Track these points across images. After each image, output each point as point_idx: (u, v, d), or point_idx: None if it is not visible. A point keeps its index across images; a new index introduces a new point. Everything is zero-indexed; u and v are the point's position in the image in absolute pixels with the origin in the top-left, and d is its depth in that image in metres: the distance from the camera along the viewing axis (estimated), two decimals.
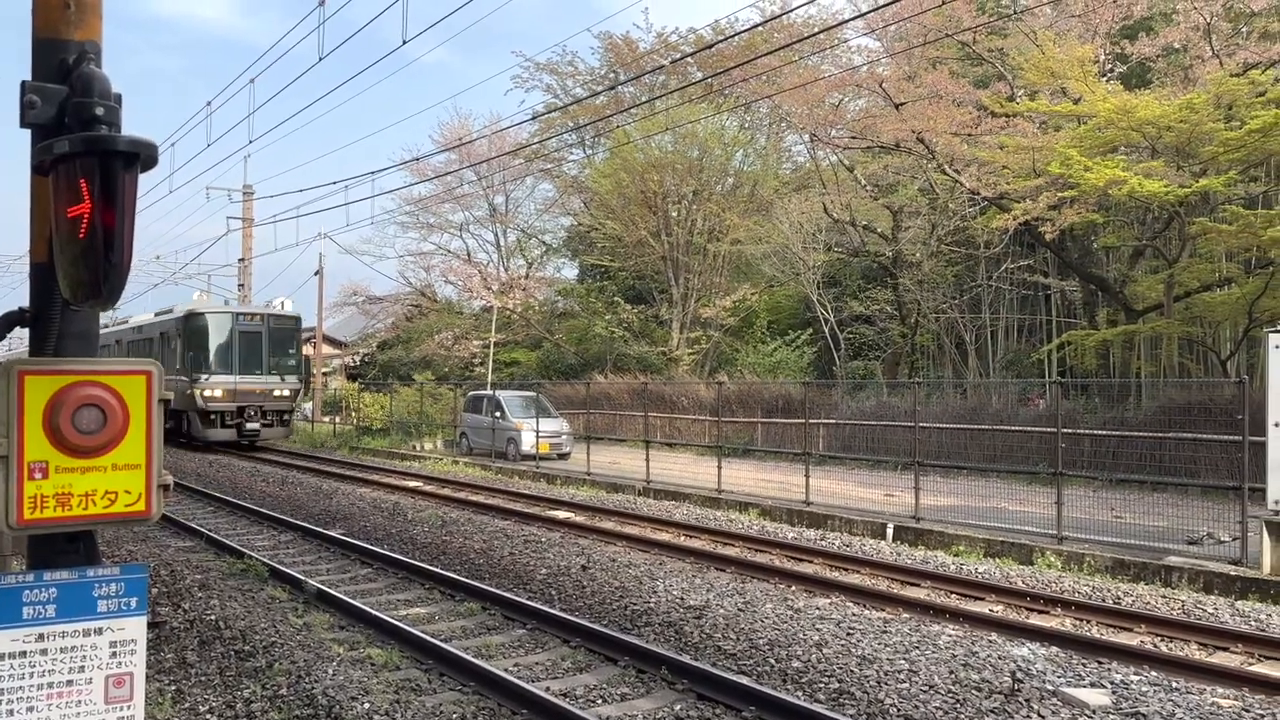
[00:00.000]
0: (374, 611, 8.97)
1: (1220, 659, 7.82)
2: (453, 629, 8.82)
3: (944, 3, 18.28)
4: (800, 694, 6.80)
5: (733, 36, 28.51)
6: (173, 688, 7.01)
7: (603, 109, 34.48)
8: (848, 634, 8.23)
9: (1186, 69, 22.20)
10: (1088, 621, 8.91)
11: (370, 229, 59.46)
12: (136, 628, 3.01)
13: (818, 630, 8.31)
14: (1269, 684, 7.03)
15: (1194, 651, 8.05)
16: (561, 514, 15.43)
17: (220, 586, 10.31)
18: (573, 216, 41.55)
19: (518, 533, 13.55)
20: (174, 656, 7.77)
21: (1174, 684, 7.08)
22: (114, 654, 2.91)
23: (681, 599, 9.47)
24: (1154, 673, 7.33)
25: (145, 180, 2.79)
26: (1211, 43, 20.78)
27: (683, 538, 13.25)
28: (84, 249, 2.46)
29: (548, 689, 6.92)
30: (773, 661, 7.50)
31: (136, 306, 39.44)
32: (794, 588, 10.21)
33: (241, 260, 37.59)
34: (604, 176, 34.74)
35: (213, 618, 8.88)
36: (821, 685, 6.96)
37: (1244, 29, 22.14)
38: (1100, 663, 7.57)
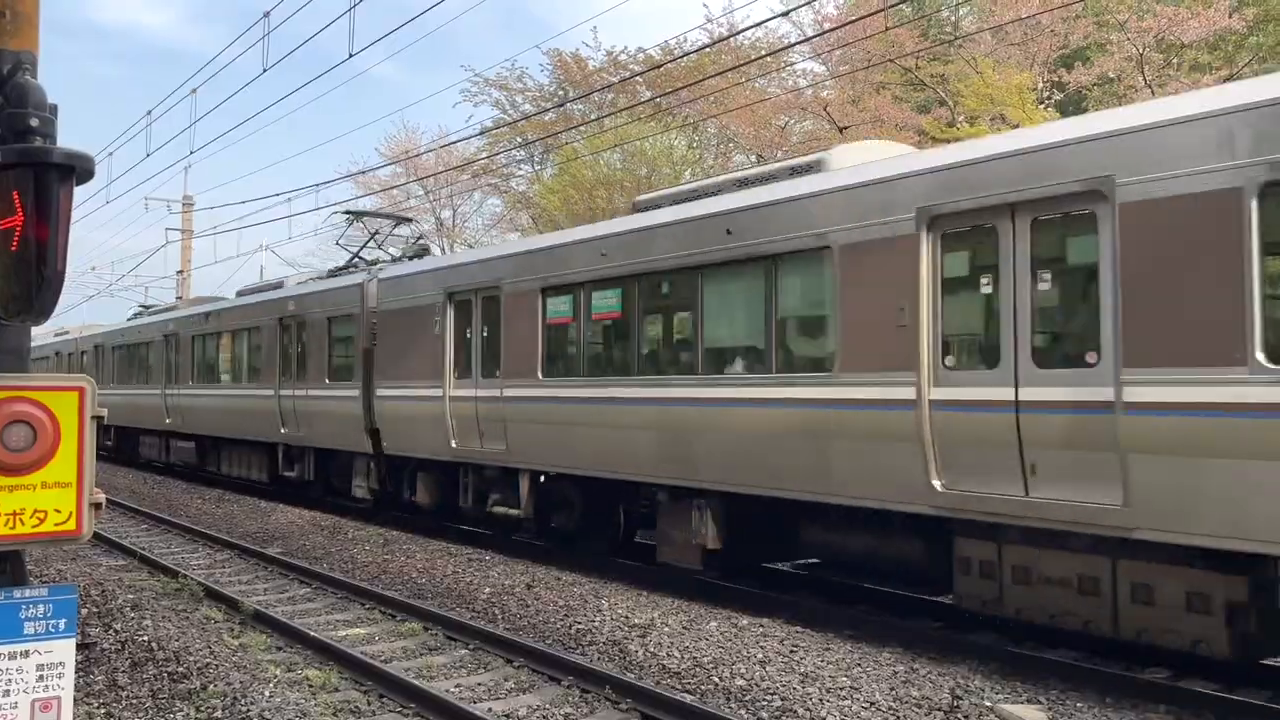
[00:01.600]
0: (312, 632, 8.83)
1: (1152, 674, 7.97)
2: (393, 649, 8.70)
3: (887, 29, 18.64)
4: (744, 712, 6.82)
5: (681, 57, 28.75)
6: (102, 711, 6.82)
7: (551, 126, 34.51)
8: (790, 651, 8.27)
9: (1121, 98, 22.85)
10: (1025, 638, 9.03)
11: (314, 242, 58.87)
12: (65, 650, 2.94)
13: (761, 648, 8.34)
14: (1199, 698, 7.20)
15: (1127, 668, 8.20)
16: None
17: (153, 606, 10.06)
18: (521, 232, 41.48)
19: (461, 550, 13.42)
20: (104, 679, 7.56)
21: (1108, 700, 7.22)
22: (41, 677, 2.83)
23: (626, 617, 9.45)
24: (1089, 689, 7.46)
25: (81, 190, 2.74)
26: (1144, 73, 21.43)
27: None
28: (16, 262, 2.41)
29: (490, 710, 6.87)
30: (716, 679, 7.51)
31: (71, 319, 38.31)
32: (738, 605, 10.22)
33: (180, 272, 36.92)
34: (552, 193, 34.74)
35: (145, 638, 8.66)
36: (765, 703, 6.99)
37: (1175, 60, 22.87)
38: (1038, 679, 7.68)
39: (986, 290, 7.79)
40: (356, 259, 19.56)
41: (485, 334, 13.33)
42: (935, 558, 8.49)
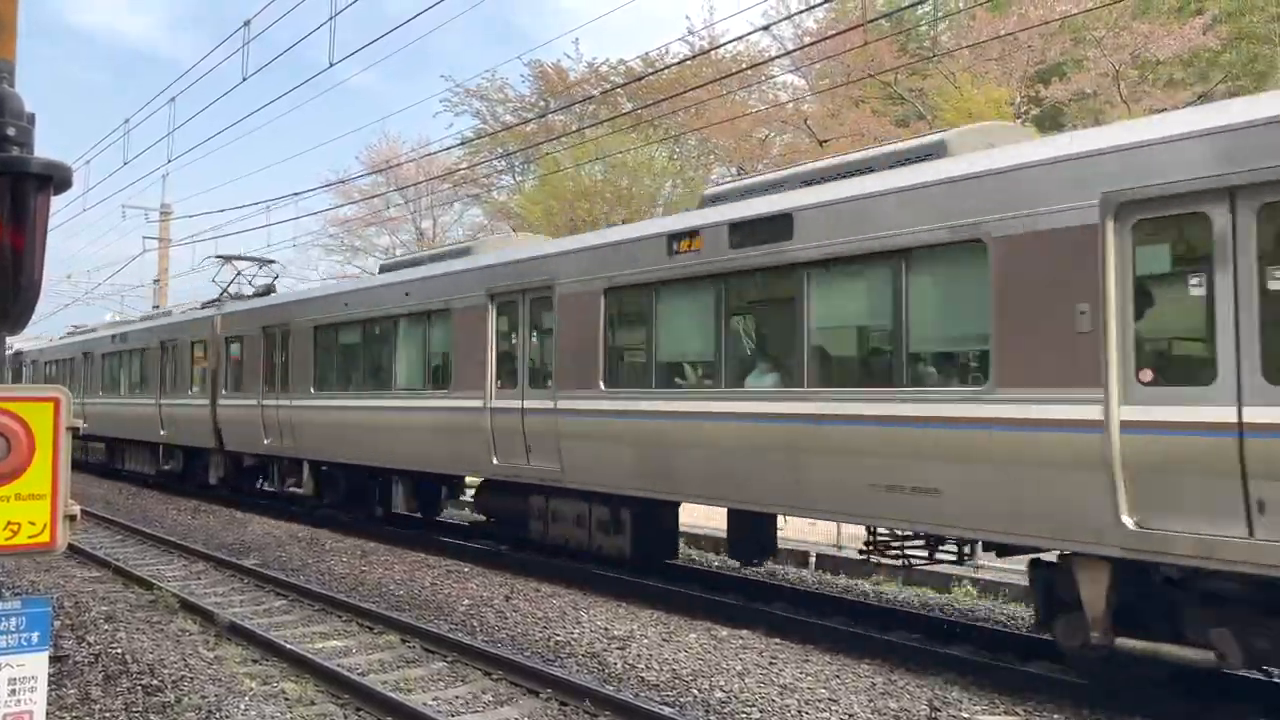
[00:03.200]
0: (289, 644, 8.76)
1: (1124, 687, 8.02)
2: (370, 662, 8.64)
3: (866, 44, 18.78)
4: None
5: (662, 69, 28.85)
6: None
7: (533, 136, 34.52)
8: (770, 663, 8.27)
9: (1097, 114, 23.09)
10: (1002, 650, 9.07)
11: (292, 251, 58.65)
12: (37, 664, 2.91)
13: (740, 659, 8.34)
14: (1176, 710, 7.25)
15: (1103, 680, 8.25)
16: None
17: (128, 619, 9.96)
18: None
19: (440, 562, 13.36)
20: (77, 692, 7.47)
21: (1084, 710, 7.25)
22: (13, 691, 2.80)
23: (606, 629, 9.43)
24: (1066, 700, 7.50)
25: (58, 198, 2.73)
26: (1120, 89, 21.68)
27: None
28: None
29: None
30: (695, 692, 7.50)
31: (47, 326, 37.82)
32: (717, 616, 10.22)
33: (156, 281, 36.66)
34: (533, 204, 34.73)
35: (119, 651, 8.57)
36: (744, 715, 6.98)
37: (1150, 77, 23.15)
38: (1015, 690, 7.71)
39: (515, 340, 12.62)
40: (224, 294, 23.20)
41: (283, 359, 17.82)
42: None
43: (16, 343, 31.35)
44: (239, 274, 23.52)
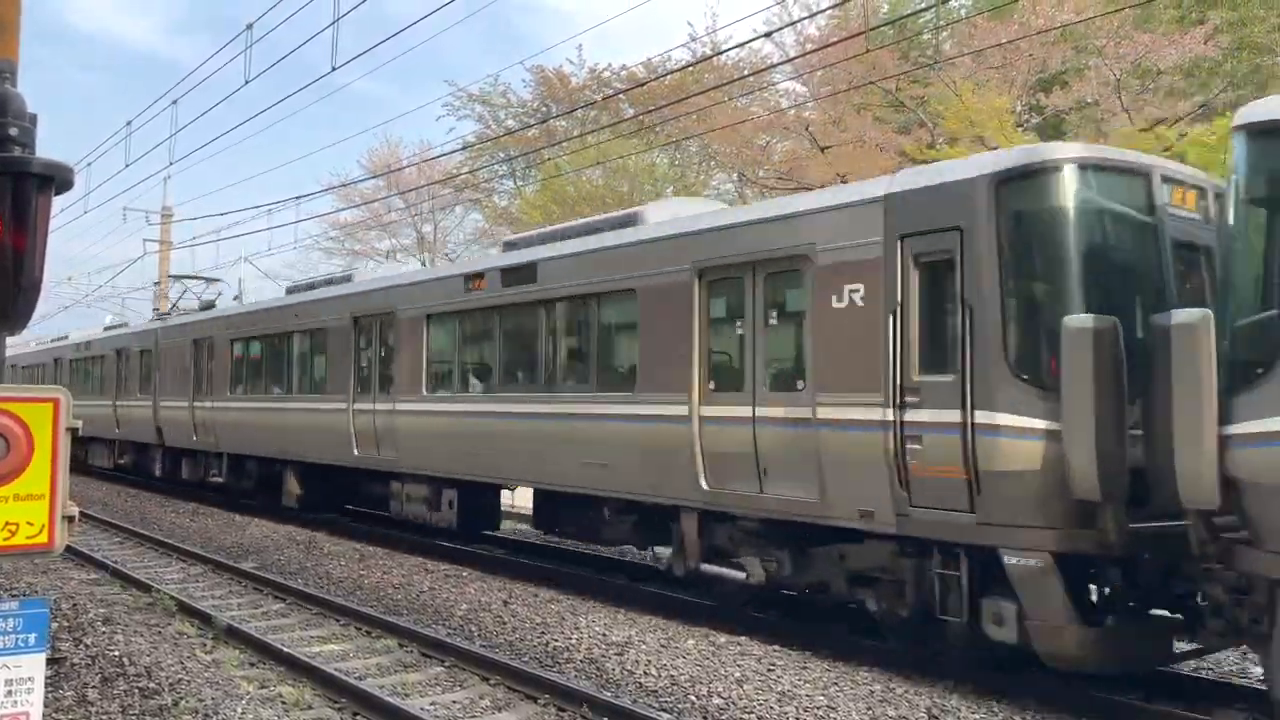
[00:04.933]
0: (286, 648, 8.74)
1: (1120, 695, 8.01)
2: (368, 666, 8.63)
3: (868, 50, 18.79)
4: None
5: (664, 76, 28.88)
6: None
7: (534, 141, 34.54)
8: (769, 670, 8.25)
9: (1098, 122, 23.09)
10: (999, 660, 9.05)
11: (294, 254, 58.69)
12: (34, 665, 2.90)
13: (739, 666, 8.32)
14: (1159, 715, 7.24)
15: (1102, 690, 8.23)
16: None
17: (125, 621, 9.94)
18: (500, 247, 41.36)
19: (438, 567, 13.34)
20: (74, 694, 7.46)
21: (1082, 719, 7.24)
22: (9, 692, 2.79)
23: (604, 634, 9.41)
24: (1065, 710, 7.48)
25: (59, 200, 2.72)
26: (1121, 98, 21.68)
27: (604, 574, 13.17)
28: None
29: None
30: (694, 698, 7.48)
31: (46, 329, 37.84)
32: (716, 622, 10.20)
33: (157, 283, 36.64)
34: (534, 208, 34.74)
35: (116, 653, 8.55)
36: None
37: (1150, 86, 23.16)
38: (1014, 699, 7.70)
39: (369, 355, 15.33)
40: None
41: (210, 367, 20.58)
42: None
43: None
44: (186, 290, 27.70)
